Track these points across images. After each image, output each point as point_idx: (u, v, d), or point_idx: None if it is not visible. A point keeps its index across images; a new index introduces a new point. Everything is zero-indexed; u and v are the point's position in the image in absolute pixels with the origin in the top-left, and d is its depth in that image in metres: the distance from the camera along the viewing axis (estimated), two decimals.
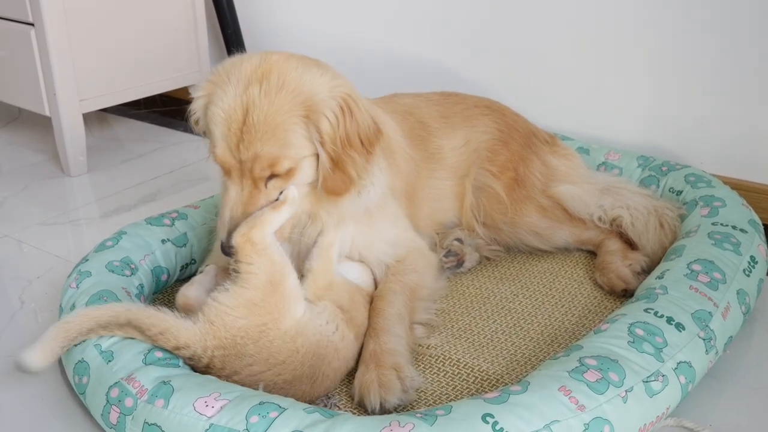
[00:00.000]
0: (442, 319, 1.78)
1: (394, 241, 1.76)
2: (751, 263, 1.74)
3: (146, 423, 1.31)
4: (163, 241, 1.89)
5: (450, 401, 1.50)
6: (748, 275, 1.72)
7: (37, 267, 2.12)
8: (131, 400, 1.35)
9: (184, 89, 3.05)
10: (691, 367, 1.45)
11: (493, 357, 1.65)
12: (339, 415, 1.28)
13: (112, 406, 1.37)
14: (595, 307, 1.84)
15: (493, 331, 1.74)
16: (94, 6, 2.66)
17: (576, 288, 1.91)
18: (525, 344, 1.70)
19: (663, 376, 1.39)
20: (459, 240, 1.99)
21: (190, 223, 1.97)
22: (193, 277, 1.69)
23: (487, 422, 1.23)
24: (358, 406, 1.49)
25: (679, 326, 1.49)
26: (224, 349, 1.40)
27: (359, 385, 1.49)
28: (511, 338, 1.72)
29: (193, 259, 1.95)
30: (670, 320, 1.50)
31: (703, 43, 2.22)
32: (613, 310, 1.76)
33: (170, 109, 3.32)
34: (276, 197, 1.53)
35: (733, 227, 1.84)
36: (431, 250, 1.88)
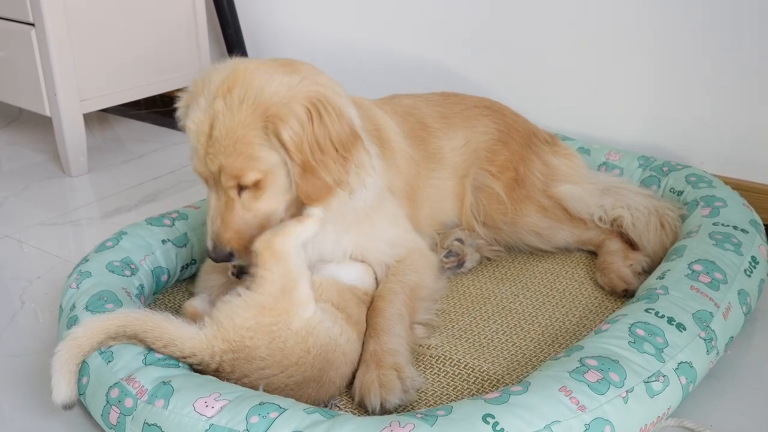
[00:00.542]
0: (442, 320, 1.77)
1: (394, 241, 1.76)
2: (752, 263, 1.74)
3: (146, 423, 1.31)
4: (164, 242, 1.88)
5: (450, 401, 1.50)
6: (749, 275, 1.71)
7: (38, 267, 2.12)
8: (131, 400, 1.35)
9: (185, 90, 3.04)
10: (692, 367, 1.44)
11: (493, 357, 1.65)
12: (339, 416, 1.28)
13: (112, 407, 1.36)
14: (596, 307, 1.83)
15: (494, 332, 1.74)
16: (95, 6, 2.66)
17: (577, 288, 1.91)
18: (525, 344, 1.69)
19: (664, 376, 1.38)
20: (460, 240, 1.99)
21: (191, 223, 1.97)
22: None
23: (488, 423, 1.22)
24: (359, 406, 1.48)
25: (680, 326, 1.49)
26: (233, 353, 1.40)
27: (360, 385, 1.48)
28: (511, 338, 1.71)
29: (194, 260, 1.95)
30: (671, 320, 1.49)
31: (703, 43, 2.21)
32: (614, 311, 1.76)
33: (171, 110, 3.29)
34: (258, 208, 1.53)
35: (734, 227, 1.84)
36: (432, 251, 1.88)
